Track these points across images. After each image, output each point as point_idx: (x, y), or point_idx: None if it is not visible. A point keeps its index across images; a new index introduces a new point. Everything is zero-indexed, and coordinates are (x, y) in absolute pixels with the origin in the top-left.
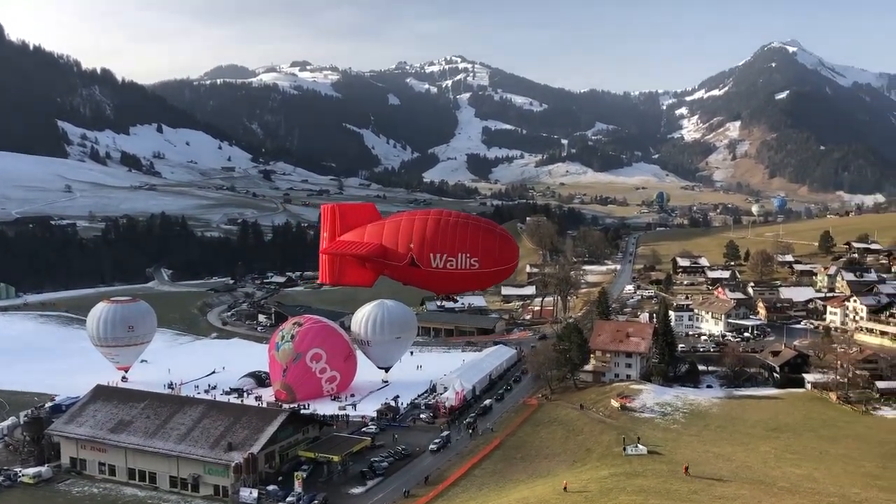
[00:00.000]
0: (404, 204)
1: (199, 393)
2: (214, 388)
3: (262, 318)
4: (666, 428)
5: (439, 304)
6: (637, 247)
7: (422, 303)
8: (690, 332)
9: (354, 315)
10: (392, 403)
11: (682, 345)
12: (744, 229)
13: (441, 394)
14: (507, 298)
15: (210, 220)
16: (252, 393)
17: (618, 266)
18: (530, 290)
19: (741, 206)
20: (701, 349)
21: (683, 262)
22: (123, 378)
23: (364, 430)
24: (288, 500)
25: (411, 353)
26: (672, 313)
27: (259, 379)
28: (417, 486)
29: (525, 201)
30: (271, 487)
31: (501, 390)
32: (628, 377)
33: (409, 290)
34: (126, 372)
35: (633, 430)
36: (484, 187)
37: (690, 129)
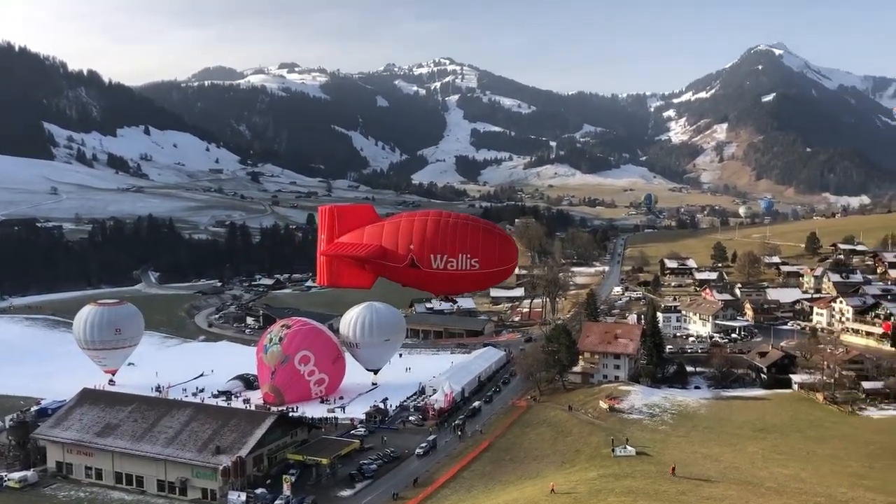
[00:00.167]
0: (393, 206)
1: (187, 396)
2: (202, 391)
3: (250, 320)
4: (654, 429)
5: (439, 304)
6: (625, 248)
7: (411, 305)
8: (678, 334)
9: (343, 317)
10: (381, 406)
11: (670, 346)
12: (731, 231)
13: (430, 396)
14: (496, 300)
15: (198, 223)
16: (240, 396)
17: (606, 268)
18: (519, 291)
19: (728, 208)
20: (689, 350)
21: (671, 264)
22: (110, 381)
23: (353, 432)
24: (276, 503)
25: (400, 355)
26: (660, 315)
27: (247, 382)
28: (406, 488)
29: (514, 203)
30: (260, 491)
31: (490, 392)
32: (617, 378)
33: (398, 291)
34: (113, 375)
35: (621, 431)
36: (473, 189)
37: (678, 132)
